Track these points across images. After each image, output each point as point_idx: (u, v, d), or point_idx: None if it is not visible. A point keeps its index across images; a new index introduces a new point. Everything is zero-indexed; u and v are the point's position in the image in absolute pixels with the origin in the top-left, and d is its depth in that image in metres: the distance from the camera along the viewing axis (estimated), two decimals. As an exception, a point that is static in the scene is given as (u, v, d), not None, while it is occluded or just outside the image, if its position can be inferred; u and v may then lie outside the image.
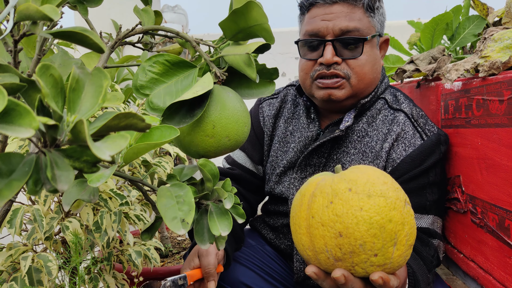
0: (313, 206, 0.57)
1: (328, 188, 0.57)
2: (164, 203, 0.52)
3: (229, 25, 0.53)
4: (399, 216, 0.55)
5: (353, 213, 0.54)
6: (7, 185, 0.29)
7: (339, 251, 0.55)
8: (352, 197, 0.54)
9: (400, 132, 0.97)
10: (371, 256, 0.54)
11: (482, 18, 1.27)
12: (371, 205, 0.54)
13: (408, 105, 1.02)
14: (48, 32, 0.31)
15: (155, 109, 0.51)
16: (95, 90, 0.34)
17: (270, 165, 1.12)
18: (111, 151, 0.30)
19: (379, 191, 0.55)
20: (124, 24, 2.07)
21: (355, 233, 0.53)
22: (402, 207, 0.56)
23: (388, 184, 0.57)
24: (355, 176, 0.57)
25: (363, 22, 0.96)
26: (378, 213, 0.53)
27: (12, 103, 0.28)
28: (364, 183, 0.55)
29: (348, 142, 1.00)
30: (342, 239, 0.54)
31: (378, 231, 0.53)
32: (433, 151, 0.94)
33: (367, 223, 0.53)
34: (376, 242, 0.53)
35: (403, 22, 3.02)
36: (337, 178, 0.58)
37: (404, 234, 0.56)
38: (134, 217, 0.92)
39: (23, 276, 0.71)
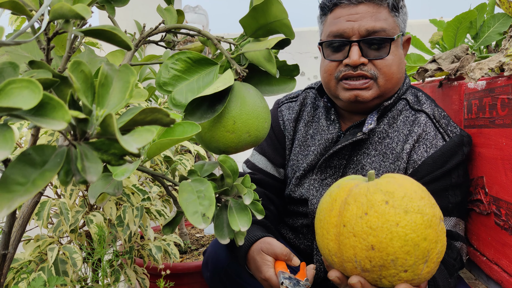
0: (346, 214, 0.56)
1: (363, 198, 0.56)
2: (185, 197, 0.53)
3: (249, 22, 0.54)
4: (434, 234, 0.54)
5: (389, 228, 0.53)
6: (41, 175, 0.31)
7: (369, 263, 0.54)
8: (388, 211, 0.53)
9: (422, 133, 0.96)
10: (401, 272, 0.54)
11: (508, 16, 1.24)
12: (407, 221, 0.53)
13: (429, 106, 1.01)
14: (79, 30, 0.33)
15: (178, 105, 0.52)
16: (123, 85, 0.35)
17: (291, 169, 1.12)
18: (138, 144, 0.31)
19: (417, 207, 0.54)
20: (147, 25, 2.11)
21: (388, 248, 0.53)
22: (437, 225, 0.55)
23: (426, 200, 0.55)
24: (391, 187, 0.55)
25: (389, 22, 0.95)
26: (414, 230, 0.53)
27: (47, 97, 0.29)
28: (402, 197, 0.54)
29: (369, 143, 0.99)
30: (374, 253, 0.53)
31: (412, 248, 0.52)
32: (456, 153, 0.93)
33: (402, 239, 0.52)
34: (408, 259, 0.53)
35: (425, 21, 2.97)
36: (373, 188, 0.56)
37: (436, 252, 0.55)
38: (155, 212, 0.94)
39: (50, 266, 0.74)
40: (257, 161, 1.15)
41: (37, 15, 0.31)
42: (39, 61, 0.33)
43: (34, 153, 0.31)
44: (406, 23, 1.03)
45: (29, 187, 0.30)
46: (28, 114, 0.28)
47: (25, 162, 0.31)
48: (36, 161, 0.31)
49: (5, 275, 0.51)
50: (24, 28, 0.32)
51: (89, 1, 0.33)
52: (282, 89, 0.60)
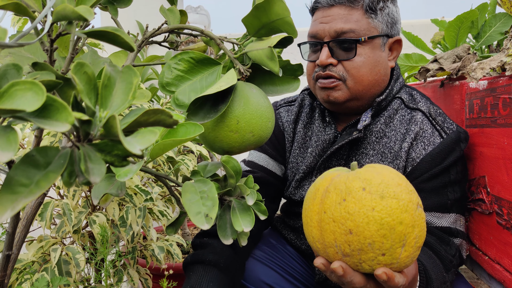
0: (326, 201, 0.58)
1: (342, 185, 0.58)
2: (188, 198, 0.53)
3: (252, 21, 0.54)
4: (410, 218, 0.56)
5: (365, 213, 0.55)
6: (44, 176, 0.31)
7: (348, 247, 0.56)
8: (365, 196, 0.56)
9: (419, 131, 0.96)
10: (379, 255, 0.55)
11: (510, 15, 1.24)
12: (383, 206, 0.55)
13: (425, 104, 1.01)
14: (82, 31, 0.33)
15: (181, 106, 0.52)
16: (126, 87, 0.35)
17: (290, 171, 1.12)
18: (141, 145, 0.31)
19: (393, 192, 0.56)
20: (149, 26, 2.11)
21: (365, 232, 0.55)
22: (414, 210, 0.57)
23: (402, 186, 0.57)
24: (370, 175, 0.57)
25: (361, 23, 0.95)
26: (390, 214, 0.54)
27: (50, 99, 0.29)
28: (378, 183, 0.56)
29: (367, 143, 1.00)
30: (352, 237, 0.55)
31: (387, 232, 0.54)
32: (453, 149, 0.93)
33: (377, 223, 0.54)
34: (385, 242, 0.55)
35: (427, 20, 2.97)
36: (352, 176, 0.59)
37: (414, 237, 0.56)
38: (158, 212, 0.94)
39: (53, 267, 0.74)
40: (257, 158, 1.14)
41: (40, 17, 0.31)
42: (42, 63, 0.33)
43: (37, 154, 0.32)
44: (395, 26, 1.02)
45: (33, 189, 0.30)
46: (31, 116, 0.28)
47: (29, 164, 0.31)
48: (40, 163, 0.31)
49: (9, 275, 0.51)
50: (27, 30, 0.32)
51: (92, 2, 0.33)
52: (286, 89, 0.60)
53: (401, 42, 1.03)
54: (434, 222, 0.92)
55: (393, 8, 1.00)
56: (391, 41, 1.01)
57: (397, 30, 1.02)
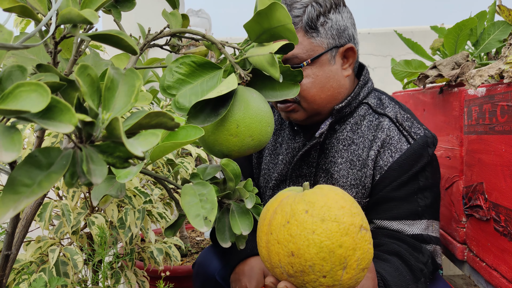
0: (273, 223, 0.60)
1: (288, 207, 0.59)
2: (187, 200, 0.53)
3: (254, 27, 0.55)
4: (351, 241, 0.56)
5: (306, 236, 0.56)
6: (47, 176, 0.31)
7: (291, 268, 0.57)
8: (307, 219, 0.56)
9: (386, 138, 0.95)
10: (320, 277, 0.56)
11: (508, 24, 1.25)
12: (323, 229, 0.56)
13: (393, 109, 1.00)
14: (87, 34, 0.33)
15: (181, 109, 0.53)
16: (128, 89, 0.35)
17: (263, 178, 1.11)
18: (144, 147, 0.32)
19: (334, 215, 0.56)
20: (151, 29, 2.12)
21: (305, 255, 0.56)
22: (356, 233, 0.57)
23: (345, 209, 0.58)
24: (314, 198, 0.58)
25: (303, 45, 0.92)
26: (329, 238, 0.55)
27: (54, 100, 0.30)
28: (321, 206, 0.57)
29: (335, 151, 0.99)
30: (294, 259, 0.57)
31: (327, 255, 0.55)
32: (421, 155, 0.92)
33: (317, 246, 0.55)
34: (324, 265, 0.55)
35: (426, 27, 2.99)
36: (298, 198, 0.60)
37: (355, 259, 0.57)
38: (156, 214, 0.94)
39: (51, 267, 0.74)
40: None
41: (46, 19, 0.32)
42: (46, 65, 0.33)
43: (40, 155, 0.32)
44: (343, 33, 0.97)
45: (35, 189, 0.31)
46: (36, 117, 0.29)
47: (31, 164, 0.32)
48: (42, 163, 0.32)
49: (7, 275, 0.51)
50: (33, 32, 0.32)
51: (96, 6, 0.34)
52: (285, 94, 0.60)
53: (353, 49, 0.98)
54: (406, 230, 0.92)
55: (337, 17, 0.96)
56: (342, 50, 0.96)
57: (347, 37, 0.98)
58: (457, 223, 1.13)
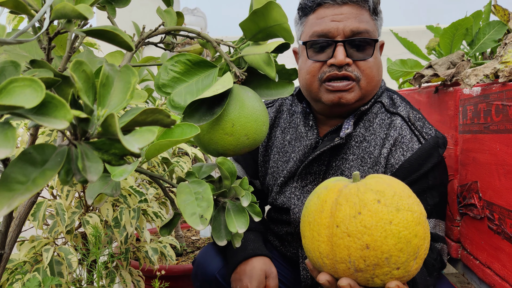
0: (338, 214, 0.57)
1: (354, 198, 0.56)
2: (183, 199, 0.53)
3: (249, 25, 0.55)
4: (423, 231, 0.55)
5: (383, 226, 0.54)
6: (41, 173, 0.31)
7: (363, 262, 0.55)
8: (381, 209, 0.54)
9: (398, 136, 0.96)
10: (394, 269, 0.55)
11: (503, 23, 1.26)
12: (400, 219, 0.54)
13: (405, 108, 1.01)
14: (81, 30, 0.33)
15: (177, 107, 0.53)
16: (124, 86, 0.35)
17: (272, 176, 1.11)
18: (140, 144, 0.31)
19: (407, 205, 0.55)
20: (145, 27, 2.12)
21: (382, 247, 0.53)
22: (425, 222, 0.57)
23: (413, 198, 0.57)
24: (381, 187, 0.56)
25: (370, 24, 0.95)
26: (406, 227, 0.54)
27: (49, 96, 0.29)
28: (392, 195, 0.55)
29: (347, 148, 0.99)
30: (369, 252, 0.54)
31: (405, 245, 0.54)
32: (431, 155, 0.93)
33: (395, 237, 0.53)
34: (401, 256, 0.54)
35: (422, 27, 3.00)
36: (363, 188, 0.57)
37: (424, 248, 0.56)
38: (152, 214, 0.94)
39: (45, 267, 0.74)
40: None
41: (39, 15, 0.31)
42: (40, 61, 0.33)
43: (34, 152, 0.32)
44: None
45: (29, 186, 0.30)
46: (30, 113, 0.28)
47: (26, 161, 0.31)
48: (36, 160, 0.31)
49: (0, 275, 0.51)
50: (26, 27, 0.32)
51: (92, 1, 0.34)
52: (280, 92, 0.60)
53: (383, 47, 1.04)
54: None
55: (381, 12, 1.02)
56: (380, 44, 1.02)
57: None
58: (451, 221, 1.13)
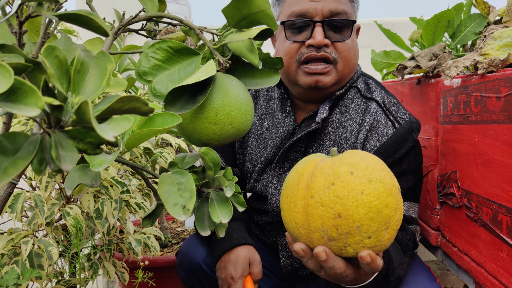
0: (313, 186, 0.59)
1: (329, 170, 0.59)
2: (165, 189, 0.52)
3: (232, 12, 0.54)
4: (394, 202, 0.58)
5: (354, 196, 0.56)
6: (13, 163, 0.30)
7: (336, 231, 0.57)
8: (354, 180, 0.57)
9: (373, 122, 0.97)
10: (365, 238, 0.57)
11: (484, 16, 1.27)
12: (371, 190, 0.56)
13: (379, 93, 1.01)
14: (53, 14, 0.32)
15: (158, 96, 0.51)
16: (100, 73, 0.34)
17: (250, 163, 1.11)
18: (115, 132, 0.31)
19: (379, 177, 0.57)
20: (126, 14, 2.07)
21: (354, 215, 0.56)
22: (397, 194, 0.59)
23: (386, 171, 0.59)
24: (355, 160, 0.59)
25: (348, 6, 0.95)
26: (377, 198, 0.56)
27: (18, 82, 0.28)
28: (365, 168, 0.58)
29: (323, 134, 0.99)
30: (340, 220, 0.56)
31: (375, 215, 0.56)
32: (406, 139, 0.94)
33: (366, 206, 0.56)
34: (372, 225, 0.56)
35: (406, 18, 3.02)
36: (338, 161, 0.60)
37: (396, 219, 0.59)
38: (134, 205, 0.93)
39: (24, 260, 0.72)
40: None
41: (10, -3, 0.30)
42: (10, 45, 0.31)
43: (5, 140, 0.30)
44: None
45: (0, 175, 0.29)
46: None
47: (-3, 150, 0.30)
48: (7, 149, 0.30)
49: (-25, 268, 0.49)
50: (-5, 10, 0.30)
51: (65, -16, 0.32)
52: (265, 82, 0.59)
53: (359, 31, 1.04)
54: None
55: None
56: (357, 27, 1.01)
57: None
58: (431, 210, 1.16)
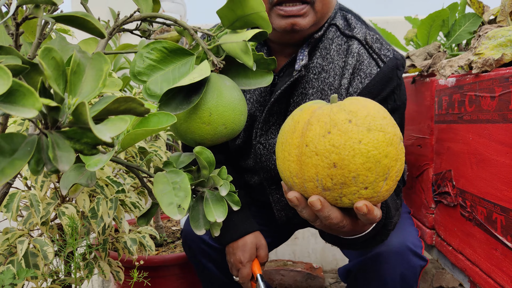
0: (308, 134, 0.56)
1: (326, 118, 0.55)
2: (160, 189, 0.53)
3: (227, 13, 0.54)
4: (395, 152, 0.54)
5: (351, 145, 0.53)
6: (10, 163, 0.30)
7: (330, 181, 0.54)
8: (351, 129, 0.53)
9: (356, 63, 0.92)
10: (361, 189, 0.54)
11: (478, 16, 1.28)
12: (370, 139, 0.53)
13: (360, 29, 0.95)
14: (50, 16, 0.32)
15: (152, 96, 0.52)
16: (96, 74, 0.34)
17: None
18: (112, 132, 0.31)
19: (379, 125, 0.54)
20: (121, 13, 2.06)
21: (350, 165, 0.53)
22: (398, 144, 0.55)
23: (387, 120, 0.56)
24: (355, 108, 0.55)
25: None
26: (376, 147, 0.53)
27: (16, 84, 0.28)
28: (365, 116, 0.54)
29: (305, 82, 0.93)
30: (336, 170, 0.53)
31: (373, 165, 0.53)
32: (391, 79, 0.90)
33: (364, 156, 0.53)
34: (369, 175, 0.53)
35: (401, 18, 3.03)
36: (336, 108, 0.56)
37: (396, 170, 0.56)
38: (130, 204, 0.93)
39: (20, 259, 0.72)
40: None
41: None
42: (7, 47, 0.32)
43: (2, 141, 0.31)
44: None
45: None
46: (-4, 101, 0.27)
47: (-7, 151, 0.30)
48: (5, 150, 0.30)
49: (-29, 268, 0.50)
50: (-9, 12, 0.30)
51: (60, -14, 0.33)
52: (259, 82, 0.60)
53: None
54: None
55: None
56: None
57: None
58: (426, 209, 1.17)
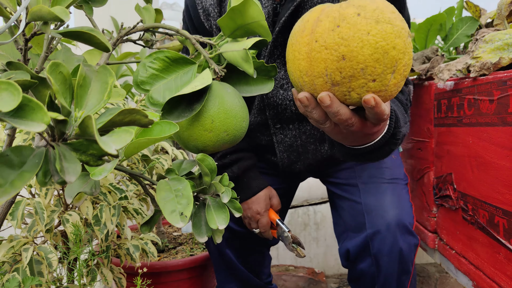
0: (318, 30, 0.56)
1: (335, 13, 0.56)
2: (163, 196, 0.54)
3: (228, 23, 0.55)
4: (402, 44, 0.55)
5: (360, 37, 0.53)
6: (19, 175, 0.31)
7: (339, 74, 0.55)
8: (360, 21, 0.54)
9: None
10: (369, 81, 0.55)
11: (475, 19, 1.30)
12: (378, 30, 0.54)
13: None
14: (58, 31, 0.33)
15: (155, 104, 0.53)
16: (101, 86, 0.35)
17: None
18: (117, 145, 0.32)
19: (388, 18, 0.55)
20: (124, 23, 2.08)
21: (358, 57, 0.53)
22: (406, 37, 0.56)
23: (396, 14, 0.57)
24: (364, 2, 0.56)
25: None
26: (384, 38, 0.54)
27: (25, 99, 0.29)
28: (373, 9, 0.55)
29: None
30: (344, 63, 0.54)
31: (381, 56, 0.53)
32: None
33: (372, 47, 0.53)
34: (377, 67, 0.54)
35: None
36: (345, 4, 0.57)
37: (403, 64, 0.56)
38: (132, 211, 0.94)
39: (25, 267, 0.73)
40: None
41: (15, 16, 0.31)
42: (17, 62, 0.33)
43: (12, 154, 0.32)
44: None
45: (7, 188, 0.30)
46: (7, 116, 0.28)
47: (3, 163, 0.31)
48: (14, 162, 0.31)
49: (-21, 276, 0.50)
50: (2, 29, 0.31)
51: (67, 3, 0.33)
52: (260, 89, 0.61)
53: None
54: None
55: None
56: None
57: None
58: (428, 213, 1.17)
